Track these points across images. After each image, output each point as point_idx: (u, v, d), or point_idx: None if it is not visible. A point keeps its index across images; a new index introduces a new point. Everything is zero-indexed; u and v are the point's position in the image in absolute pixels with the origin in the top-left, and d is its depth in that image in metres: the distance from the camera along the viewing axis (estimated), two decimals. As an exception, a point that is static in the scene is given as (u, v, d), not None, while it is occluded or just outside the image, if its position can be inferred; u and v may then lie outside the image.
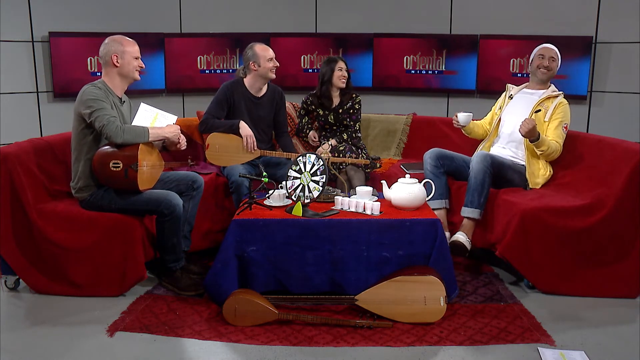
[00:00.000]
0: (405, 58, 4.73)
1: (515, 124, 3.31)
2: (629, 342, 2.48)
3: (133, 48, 2.93)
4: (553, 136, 3.25)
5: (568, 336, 2.51)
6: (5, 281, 3.00)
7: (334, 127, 3.96)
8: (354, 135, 3.95)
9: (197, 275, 3.07)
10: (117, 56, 2.88)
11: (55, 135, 3.30)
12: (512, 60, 4.47)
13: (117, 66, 2.89)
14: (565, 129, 3.28)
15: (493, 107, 3.62)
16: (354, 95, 3.95)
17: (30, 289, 2.95)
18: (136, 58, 2.94)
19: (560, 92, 3.39)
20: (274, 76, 3.60)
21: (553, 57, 3.40)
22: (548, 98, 3.34)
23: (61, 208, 2.93)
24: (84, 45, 4.33)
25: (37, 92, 4.30)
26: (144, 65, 3.00)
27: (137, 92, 4.57)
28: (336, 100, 3.95)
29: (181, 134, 3.03)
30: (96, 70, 4.38)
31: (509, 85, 3.61)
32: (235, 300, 2.59)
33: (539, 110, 3.32)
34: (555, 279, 2.91)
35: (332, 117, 3.94)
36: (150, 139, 2.86)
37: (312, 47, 4.81)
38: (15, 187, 2.85)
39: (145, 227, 2.95)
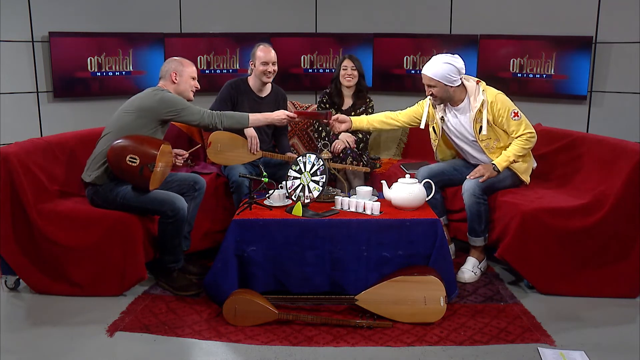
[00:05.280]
0: (405, 58, 4.73)
1: (468, 152, 3.31)
2: (629, 342, 2.48)
3: (191, 69, 3.12)
4: (515, 132, 3.12)
5: (568, 336, 2.51)
6: (5, 281, 3.00)
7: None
8: (365, 138, 3.86)
9: (195, 276, 3.08)
10: (176, 73, 3.06)
11: (55, 135, 3.30)
12: (512, 60, 4.46)
13: (175, 83, 3.07)
14: (515, 116, 3.09)
15: (417, 108, 3.41)
16: (367, 100, 3.87)
17: (30, 289, 2.95)
18: (193, 78, 3.13)
19: (477, 89, 3.13)
20: (266, 80, 3.60)
21: (429, 85, 3.14)
22: (480, 112, 3.12)
23: (61, 208, 2.93)
24: (84, 45, 4.32)
25: (37, 92, 4.30)
26: (199, 87, 3.18)
27: (138, 93, 4.56)
28: (348, 102, 3.88)
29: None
30: (96, 70, 4.38)
31: (427, 102, 3.35)
32: (235, 300, 2.59)
33: (480, 128, 3.15)
34: (555, 279, 2.91)
35: None
36: (250, 124, 3.13)
37: (312, 47, 4.80)
38: (15, 187, 2.85)
39: (146, 228, 2.96)
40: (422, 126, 3.38)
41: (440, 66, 3.10)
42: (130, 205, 2.88)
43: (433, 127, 3.40)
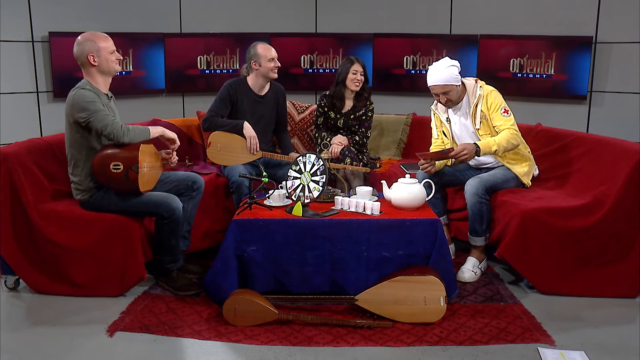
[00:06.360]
0: (405, 58, 4.73)
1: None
2: (629, 342, 2.48)
3: (107, 43, 2.86)
4: (501, 126, 3.14)
5: (568, 336, 2.51)
6: (5, 281, 3.00)
7: (341, 131, 3.89)
8: (362, 141, 3.85)
9: (195, 276, 3.08)
10: (93, 55, 2.82)
11: (55, 135, 3.30)
12: (512, 60, 4.47)
13: (95, 64, 2.84)
14: (506, 113, 3.17)
15: (435, 130, 3.47)
16: (368, 103, 3.85)
17: (30, 289, 2.95)
18: (112, 52, 2.88)
19: (475, 86, 3.23)
20: (275, 76, 3.61)
21: (444, 92, 3.19)
22: (475, 107, 3.21)
23: (61, 208, 2.93)
24: (84, 45, 4.33)
25: (37, 92, 4.30)
26: (121, 57, 2.96)
27: (138, 92, 4.57)
28: (349, 104, 3.86)
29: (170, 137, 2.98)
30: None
31: (433, 108, 3.45)
32: (235, 300, 2.59)
33: (481, 123, 3.22)
34: (555, 279, 2.91)
35: (341, 122, 3.85)
36: (151, 136, 2.86)
37: (312, 47, 4.81)
38: (15, 187, 2.85)
39: (145, 228, 2.96)
40: (436, 135, 3.46)
41: (446, 71, 3.17)
42: (126, 210, 2.87)
43: (443, 131, 3.41)
